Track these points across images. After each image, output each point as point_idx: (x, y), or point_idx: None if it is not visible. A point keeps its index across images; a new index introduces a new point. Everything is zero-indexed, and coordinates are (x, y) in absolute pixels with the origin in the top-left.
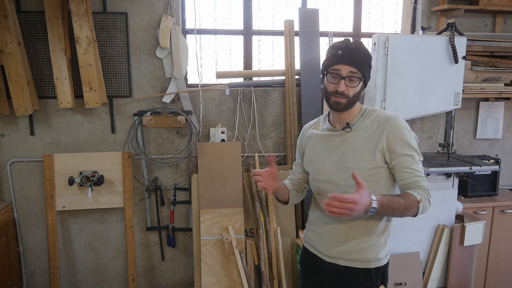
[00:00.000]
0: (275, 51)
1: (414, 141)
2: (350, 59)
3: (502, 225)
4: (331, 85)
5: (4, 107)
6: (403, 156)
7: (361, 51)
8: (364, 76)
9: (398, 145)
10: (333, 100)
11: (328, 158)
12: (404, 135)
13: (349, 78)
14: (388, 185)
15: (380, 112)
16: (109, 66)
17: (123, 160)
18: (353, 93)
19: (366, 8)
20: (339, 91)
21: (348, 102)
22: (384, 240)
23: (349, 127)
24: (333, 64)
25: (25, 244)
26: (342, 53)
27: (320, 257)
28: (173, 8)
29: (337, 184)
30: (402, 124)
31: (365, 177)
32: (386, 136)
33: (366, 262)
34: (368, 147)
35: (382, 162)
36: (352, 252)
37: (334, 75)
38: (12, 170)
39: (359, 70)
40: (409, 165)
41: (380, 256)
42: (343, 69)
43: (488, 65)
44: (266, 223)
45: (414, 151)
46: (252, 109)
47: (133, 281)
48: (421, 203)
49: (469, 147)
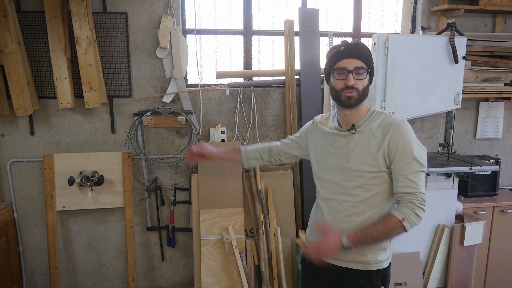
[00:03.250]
0: (275, 51)
1: (417, 150)
2: (354, 53)
3: (502, 225)
4: (339, 82)
5: (4, 107)
6: (401, 163)
7: (362, 45)
8: (370, 68)
9: (398, 151)
10: (344, 95)
11: (331, 157)
12: (406, 142)
13: (356, 71)
14: (391, 190)
15: (387, 116)
16: (109, 66)
17: (123, 160)
18: (362, 86)
19: (366, 8)
20: (349, 85)
21: (359, 96)
22: (384, 244)
23: (354, 129)
24: (338, 60)
25: (25, 244)
26: (344, 49)
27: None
28: (173, 8)
29: (337, 184)
30: (407, 131)
31: (366, 180)
32: (388, 141)
33: (366, 264)
34: (371, 151)
35: (385, 167)
36: (352, 254)
37: (341, 71)
38: (12, 170)
39: (365, 62)
40: (405, 173)
41: (380, 259)
42: (348, 64)
43: (488, 65)
44: (266, 223)
45: (414, 159)
46: (252, 109)
47: (133, 281)
48: (404, 221)
49: (469, 147)
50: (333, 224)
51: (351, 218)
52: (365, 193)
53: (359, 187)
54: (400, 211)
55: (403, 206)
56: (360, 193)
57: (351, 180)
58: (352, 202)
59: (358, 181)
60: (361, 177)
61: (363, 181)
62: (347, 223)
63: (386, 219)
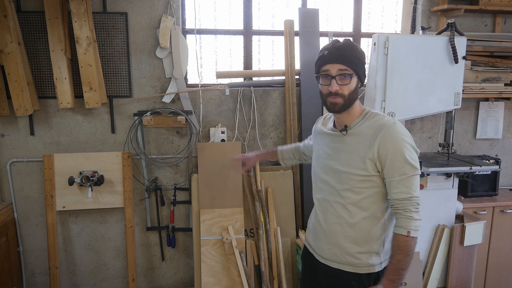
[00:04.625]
0: (275, 51)
1: (409, 153)
2: (337, 57)
3: (502, 225)
4: (324, 87)
5: (4, 107)
6: (393, 168)
7: (348, 48)
8: (356, 72)
9: (389, 155)
10: (329, 101)
11: (327, 158)
12: (397, 146)
13: (340, 76)
14: (384, 195)
15: (380, 118)
16: (109, 66)
17: (123, 160)
18: (348, 91)
19: (366, 8)
20: (332, 91)
21: (345, 101)
22: (377, 248)
23: (346, 130)
24: (322, 65)
25: (25, 244)
26: (328, 53)
27: (316, 257)
28: (173, 8)
29: (330, 185)
30: (398, 134)
31: (355, 183)
32: (378, 145)
33: (356, 267)
34: (360, 154)
35: (374, 171)
36: (342, 255)
37: (325, 76)
38: (12, 170)
39: (349, 66)
40: (398, 179)
41: (371, 262)
42: (331, 68)
43: (488, 65)
44: (266, 223)
45: (407, 163)
46: (252, 109)
47: (133, 281)
48: (410, 233)
49: (469, 147)
50: (323, 224)
51: (343, 219)
52: (354, 196)
53: (349, 189)
54: (401, 226)
55: (400, 218)
56: (350, 195)
57: (341, 182)
58: (343, 204)
59: (348, 184)
60: (350, 180)
61: (353, 184)
62: (339, 225)
63: (396, 244)
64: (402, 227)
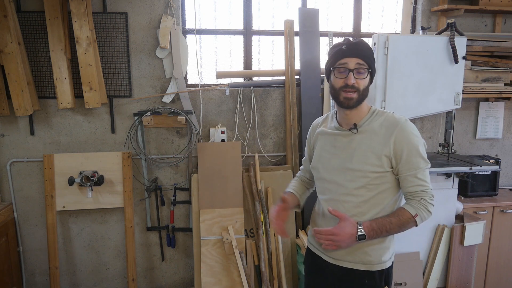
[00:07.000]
0: (275, 51)
1: (422, 148)
2: (356, 51)
3: (502, 225)
4: (339, 80)
5: (4, 107)
6: (409, 163)
7: (364, 44)
8: (371, 68)
9: (404, 151)
10: (343, 96)
11: (333, 157)
12: (412, 142)
13: (357, 70)
14: (394, 190)
15: (389, 115)
16: (109, 66)
17: (123, 160)
18: (363, 86)
19: (366, 8)
20: (349, 84)
21: (359, 96)
22: (387, 243)
23: (356, 129)
24: (340, 58)
25: (25, 244)
26: (346, 47)
27: (324, 258)
28: (173, 8)
29: (340, 184)
30: (411, 130)
31: (370, 180)
32: (394, 141)
33: (369, 265)
34: (375, 151)
35: (388, 167)
36: (356, 254)
37: (342, 70)
38: (12, 170)
39: (366, 62)
40: (414, 173)
41: (384, 259)
42: (350, 62)
43: (488, 65)
44: (266, 223)
45: (421, 158)
46: (252, 109)
47: (133, 281)
48: (417, 217)
49: (469, 147)
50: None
51: (354, 218)
52: (368, 193)
53: (363, 187)
54: (413, 206)
55: (415, 203)
56: (364, 193)
57: (354, 180)
58: (355, 202)
59: (361, 181)
60: (365, 177)
61: (367, 181)
62: None
63: (399, 213)
64: (414, 207)
